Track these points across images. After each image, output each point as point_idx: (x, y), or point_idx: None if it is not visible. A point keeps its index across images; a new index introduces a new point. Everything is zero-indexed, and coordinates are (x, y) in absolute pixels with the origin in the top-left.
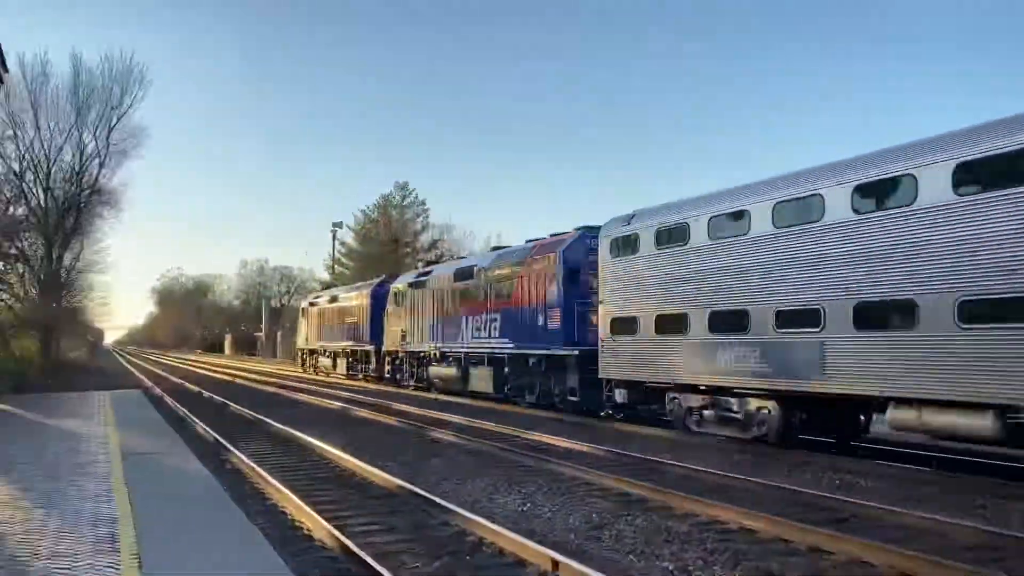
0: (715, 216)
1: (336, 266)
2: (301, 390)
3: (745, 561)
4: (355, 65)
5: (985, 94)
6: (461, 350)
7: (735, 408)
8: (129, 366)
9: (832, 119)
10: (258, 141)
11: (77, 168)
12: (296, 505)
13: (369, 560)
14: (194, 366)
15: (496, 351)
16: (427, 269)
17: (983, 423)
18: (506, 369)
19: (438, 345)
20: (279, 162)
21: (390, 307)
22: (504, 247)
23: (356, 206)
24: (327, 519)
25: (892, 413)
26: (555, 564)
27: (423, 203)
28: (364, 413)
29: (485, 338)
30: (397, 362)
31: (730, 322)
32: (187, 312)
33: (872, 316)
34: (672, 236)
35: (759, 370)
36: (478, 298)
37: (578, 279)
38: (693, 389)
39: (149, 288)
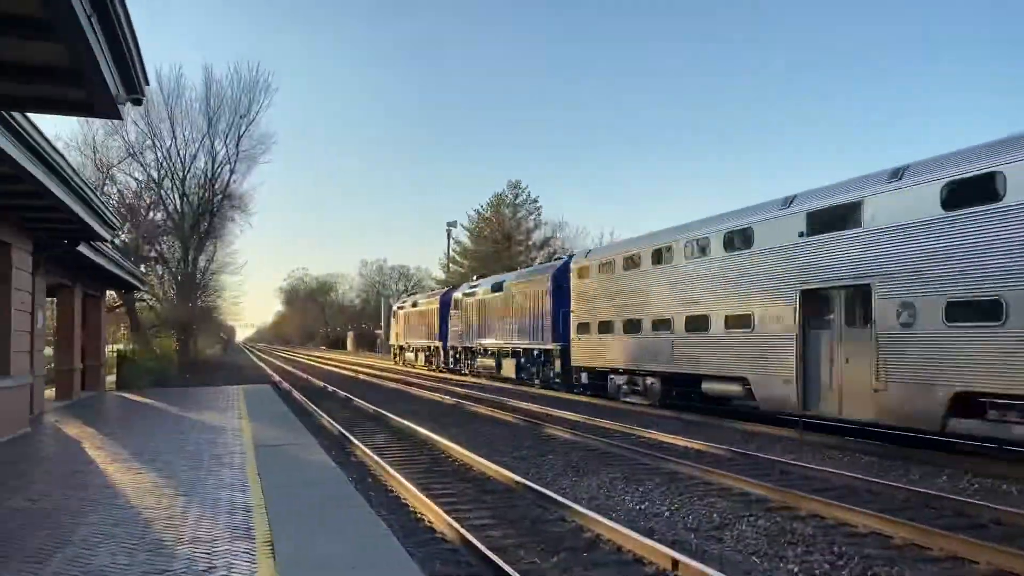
0: (627, 256)
1: (451, 264)
2: (417, 385)
3: (876, 567)
4: (472, 65)
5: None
6: (495, 345)
7: (638, 383)
8: (259, 362)
9: None
10: (377, 143)
11: (210, 174)
12: (417, 497)
13: (490, 554)
14: (319, 362)
15: (516, 346)
16: (476, 282)
17: None
18: (521, 359)
19: (481, 342)
20: (397, 163)
21: (452, 311)
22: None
23: (471, 205)
24: (446, 511)
25: (705, 384)
26: (675, 563)
27: (535, 201)
28: (479, 408)
29: (510, 337)
30: (456, 355)
31: (633, 327)
32: (312, 311)
33: (691, 321)
34: (606, 268)
35: (646, 357)
36: (506, 306)
37: (563, 294)
38: (618, 371)
39: (277, 288)
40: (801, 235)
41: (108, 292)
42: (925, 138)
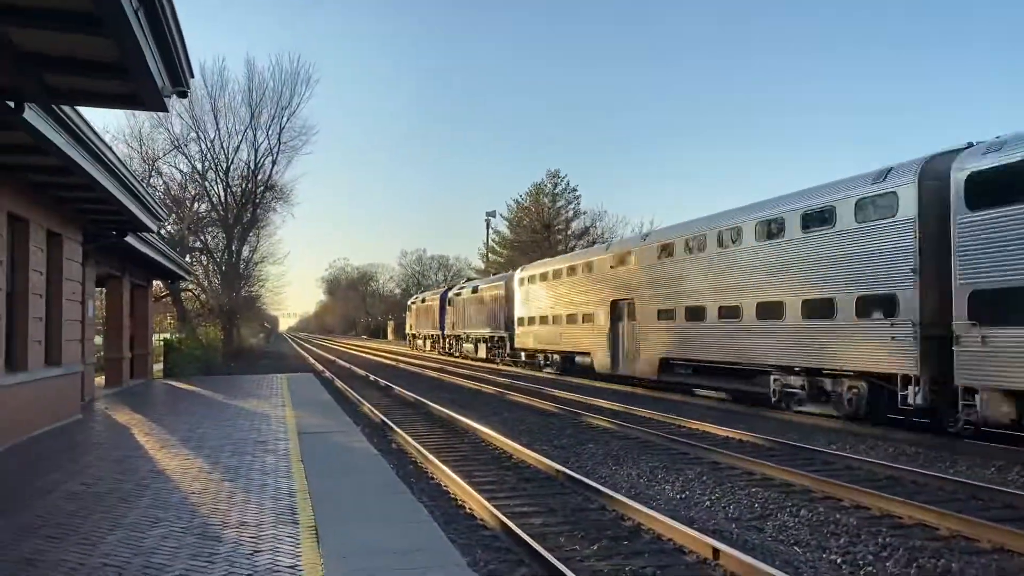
0: (555, 270)
1: (490, 254)
2: (453, 373)
3: (922, 559)
4: (512, 55)
5: None
6: (474, 333)
7: (556, 359)
8: (301, 351)
9: None
10: (417, 135)
11: (252, 166)
12: (457, 484)
13: (531, 542)
14: (360, 351)
15: (486, 334)
16: (464, 284)
17: None
18: (488, 344)
19: (465, 331)
20: (437, 154)
21: (448, 307)
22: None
23: (511, 195)
24: (486, 498)
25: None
26: (715, 552)
27: (575, 190)
28: (517, 397)
29: (481, 327)
30: (450, 341)
31: (544, 320)
32: (353, 300)
33: (570, 318)
34: (534, 280)
35: (555, 340)
36: (479, 304)
37: (513, 295)
38: (540, 351)
39: (319, 277)
40: None
41: (155, 282)
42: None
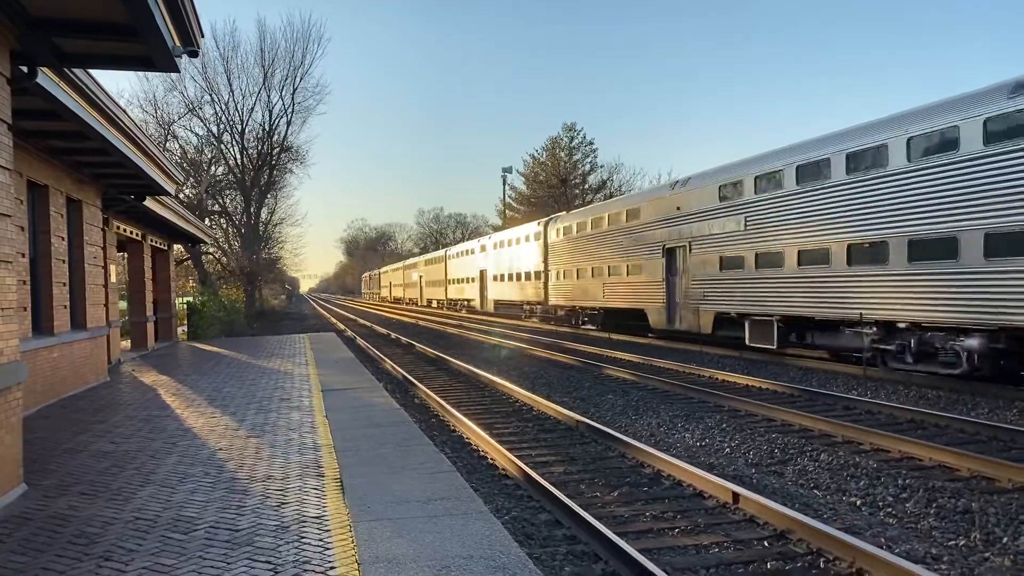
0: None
1: (507, 211)
2: (474, 330)
3: (941, 498)
4: (526, 8)
5: None
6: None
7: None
8: (323, 311)
9: None
10: (431, 91)
11: (267, 127)
12: (478, 435)
13: (552, 489)
14: (380, 310)
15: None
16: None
17: None
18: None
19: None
20: (453, 111)
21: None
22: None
23: (527, 150)
24: (507, 448)
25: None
26: (735, 496)
27: (591, 143)
28: (538, 351)
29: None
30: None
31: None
32: (372, 260)
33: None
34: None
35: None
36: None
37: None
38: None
39: (338, 238)
40: None
41: (175, 246)
42: None
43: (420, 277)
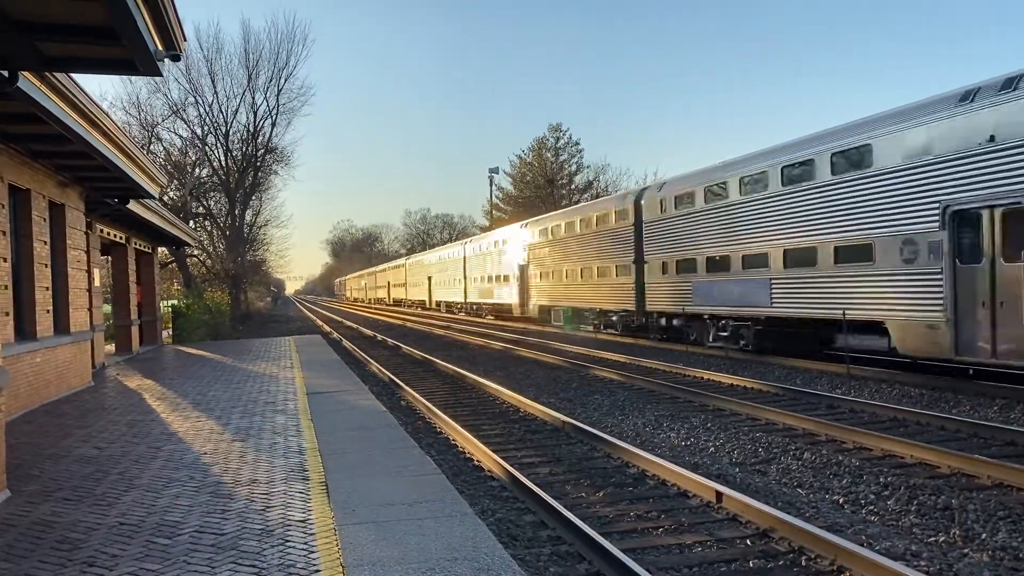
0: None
1: (494, 211)
2: (465, 332)
3: (922, 496)
4: (510, 8)
5: None
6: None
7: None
8: (309, 313)
9: None
10: (417, 92)
11: (252, 128)
12: (465, 437)
13: (537, 491)
14: (367, 312)
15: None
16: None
17: None
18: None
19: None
20: (439, 112)
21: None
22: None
23: (513, 151)
24: (493, 450)
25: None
26: (719, 496)
27: (577, 144)
28: (525, 352)
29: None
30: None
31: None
32: (358, 261)
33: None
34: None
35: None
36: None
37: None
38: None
39: (323, 240)
40: None
41: (160, 249)
42: None
43: (365, 283)
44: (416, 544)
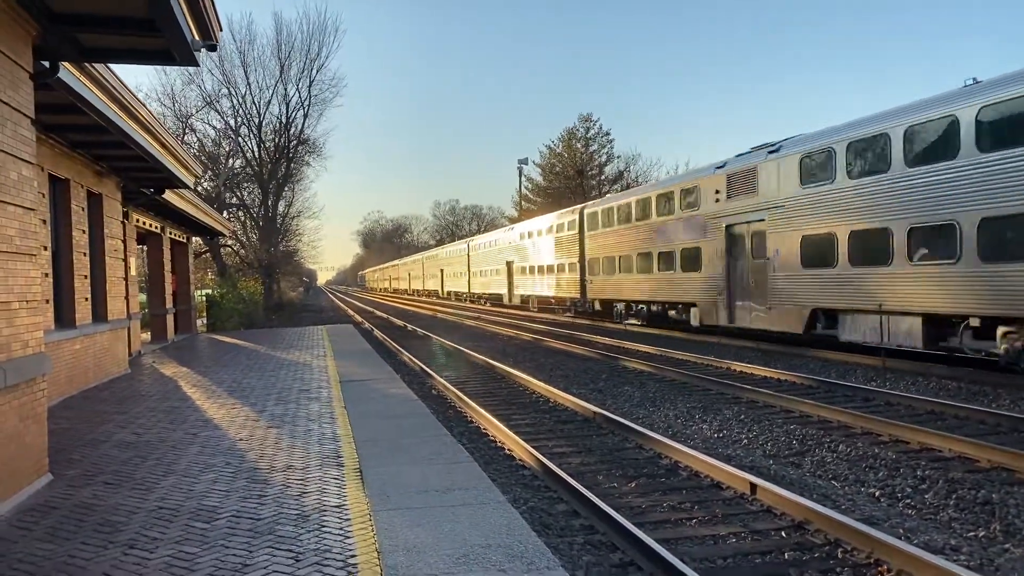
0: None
1: (523, 202)
2: (495, 323)
3: (961, 490)
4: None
5: None
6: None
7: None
8: (340, 303)
9: None
10: (448, 84)
11: (284, 120)
12: (496, 426)
13: (569, 480)
14: (397, 302)
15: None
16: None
17: None
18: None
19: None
20: (470, 103)
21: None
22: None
23: (543, 142)
24: (525, 439)
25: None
26: (753, 487)
27: (607, 134)
28: (554, 343)
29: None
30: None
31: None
32: (388, 252)
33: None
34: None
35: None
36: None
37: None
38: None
39: (354, 231)
40: None
41: (194, 239)
42: None
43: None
44: (450, 530)
